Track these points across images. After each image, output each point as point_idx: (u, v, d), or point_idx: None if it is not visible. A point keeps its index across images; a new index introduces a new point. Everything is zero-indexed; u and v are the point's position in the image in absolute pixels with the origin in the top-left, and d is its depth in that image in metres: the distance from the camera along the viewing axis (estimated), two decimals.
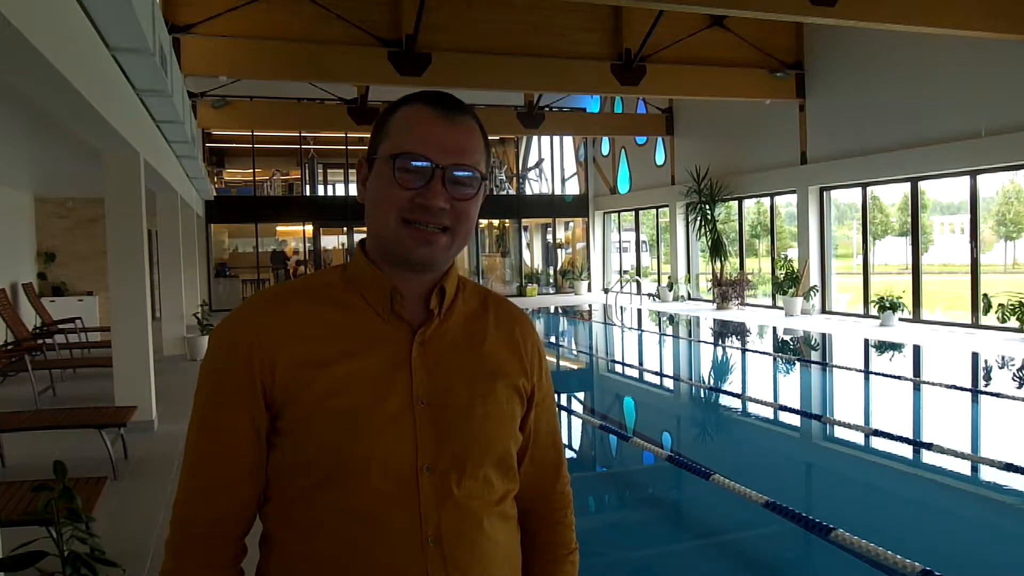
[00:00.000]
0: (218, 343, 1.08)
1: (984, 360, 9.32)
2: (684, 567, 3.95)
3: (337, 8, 11.16)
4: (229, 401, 1.05)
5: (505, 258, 24.81)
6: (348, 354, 1.05)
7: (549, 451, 1.23)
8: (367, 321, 1.08)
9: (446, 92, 1.09)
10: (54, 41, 3.47)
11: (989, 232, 13.30)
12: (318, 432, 1.02)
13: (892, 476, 5.28)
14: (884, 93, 12.79)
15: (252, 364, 1.04)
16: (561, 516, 1.25)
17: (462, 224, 1.08)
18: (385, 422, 1.03)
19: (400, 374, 1.06)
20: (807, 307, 14.46)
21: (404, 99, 1.10)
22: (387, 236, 1.07)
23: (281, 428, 1.05)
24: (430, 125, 1.05)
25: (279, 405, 1.04)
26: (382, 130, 1.09)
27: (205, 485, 1.06)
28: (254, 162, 22.21)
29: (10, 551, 2.44)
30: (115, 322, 6.64)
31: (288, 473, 1.05)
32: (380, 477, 1.02)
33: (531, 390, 1.17)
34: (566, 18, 12.96)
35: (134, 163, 6.54)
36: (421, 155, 1.04)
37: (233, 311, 1.11)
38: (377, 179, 1.07)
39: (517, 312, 1.23)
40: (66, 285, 14.02)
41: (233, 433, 1.05)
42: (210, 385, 1.07)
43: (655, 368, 10.67)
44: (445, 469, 1.05)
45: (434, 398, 1.06)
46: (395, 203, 1.05)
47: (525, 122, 17.80)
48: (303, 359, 1.04)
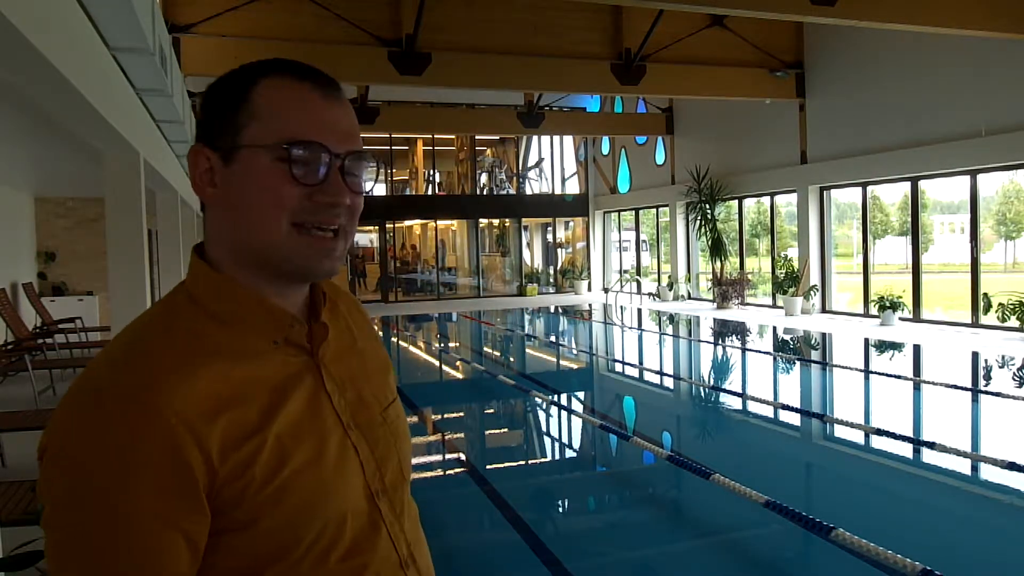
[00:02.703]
0: (106, 449, 0.74)
1: (984, 360, 9.32)
2: (684, 567, 3.95)
3: (337, 8, 11.16)
4: (153, 522, 0.75)
5: (505, 258, 24.81)
6: (274, 408, 0.85)
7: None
8: (268, 361, 0.87)
9: (309, 64, 0.91)
10: (54, 41, 3.47)
11: (989, 231, 13.30)
12: (286, 509, 0.83)
13: (892, 476, 5.28)
14: (884, 93, 12.79)
15: (182, 462, 0.76)
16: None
17: (354, 223, 0.91)
18: (336, 464, 0.89)
19: (324, 407, 0.90)
20: (807, 307, 14.46)
21: (258, 69, 0.88)
22: (275, 246, 0.86)
23: (235, 524, 0.81)
24: (315, 106, 0.87)
25: (227, 499, 0.80)
26: (240, 109, 0.86)
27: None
28: None
29: (10, 551, 2.44)
30: (115, 322, 6.64)
31: (259, 563, 0.83)
32: (353, 522, 0.89)
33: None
34: (566, 18, 12.96)
35: (134, 163, 6.54)
36: (317, 144, 0.85)
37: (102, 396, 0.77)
38: (251, 174, 0.85)
39: (355, 298, 1.09)
40: (66, 285, 14.02)
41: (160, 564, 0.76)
42: (113, 505, 0.74)
43: (655, 368, 10.67)
44: (392, 485, 0.96)
45: (357, 419, 0.94)
46: (284, 203, 0.85)
47: (525, 122, 17.80)
48: (236, 435, 0.80)
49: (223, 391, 0.81)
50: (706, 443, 6.50)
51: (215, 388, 0.81)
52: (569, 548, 4.00)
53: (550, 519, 4.74)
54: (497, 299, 22.07)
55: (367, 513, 0.92)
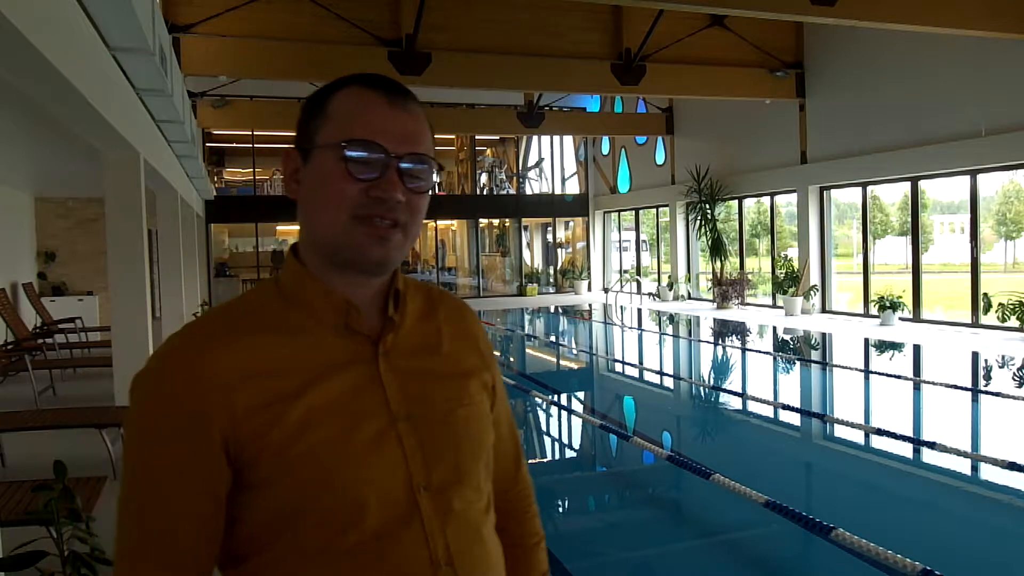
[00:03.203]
0: (152, 399, 0.90)
1: (984, 359, 9.32)
2: (684, 567, 3.95)
3: (337, 8, 11.16)
4: (177, 470, 0.88)
5: (505, 258, 24.81)
6: (311, 383, 0.92)
7: (509, 441, 1.18)
8: (321, 342, 0.96)
9: (386, 76, 1.00)
10: (54, 41, 3.47)
11: (989, 231, 13.31)
12: (300, 476, 0.90)
13: (892, 475, 5.28)
14: (884, 93, 12.79)
15: (205, 417, 0.88)
16: (527, 506, 1.21)
17: (415, 219, 0.98)
18: (368, 448, 0.93)
19: (372, 393, 0.96)
20: (807, 306, 14.46)
21: (339, 82, 0.99)
22: (336, 236, 0.95)
23: (254, 481, 0.90)
24: (379, 110, 0.95)
25: (246, 458, 0.89)
26: (318, 116, 0.97)
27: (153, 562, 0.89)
28: (254, 162, 22.22)
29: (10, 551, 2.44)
30: (115, 322, 6.63)
31: (269, 529, 0.91)
32: (377, 508, 0.92)
33: (492, 382, 1.12)
34: (566, 18, 12.96)
35: (134, 163, 6.54)
36: (374, 143, 0.93)
37: (159, 356, 0.92)
38: (320, 172, 0.95)
39: (462, 304, 1.15)
40: (66, 285, 14.02)
41: (186, 511, 0.89)
42: (150, 452, 0.90)
43: (655, 368, 10.67)
44: (442, 484, 0.97)
45: (414, 411, 0.97)
46: (345, 197, 0.94)
47: (525, 122, 17.80)
48: (263, 400, 0.90)
49: (260, 361, 0.92)
50: (706, 443, 6.50)
51: (252, 357, 0.92)
52: (569, 548, 4.00)
53: (550, 519, 4.74)
54: (497, 299, 22.07)
55: (401, 504, 0.94)
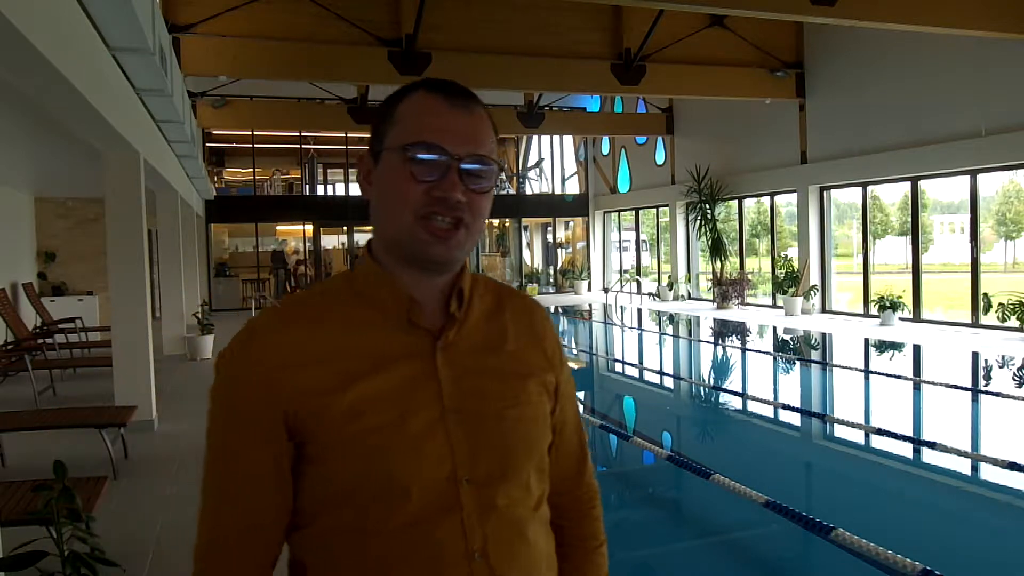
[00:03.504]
0: (228, 377, 1.00)
1: (984, 359, 9.32)
2: (684, 567, 3.95)
3: (337, 8, 11.16)
4: (247, 438, 0.98)
5: (505, 257, 24.81)
6: (369, 371, 0.98)
7: (574, 443, 1.19)
8: (384, 333, 1.02)
9: (453, 80, 1.04)
10: (54, 41, 3.47)
11: (989, 231, 13.30)
12: (349, 456, 0.96)
13: (892, 475, 5.29)
14: (884, 93, 12.79)
15: (269, 394, 0.97)
16: (589, 509, 1.22)
17: (477, 218, 1.02)
18: (417, 437, 0.98)
19: (427, 385, 1.00)
20: (807, 306, 14.46)
21: (410, 87, 1.03)
22: (400, 233, 1.00)
23: (311, 455, 0.98)
24: (443, 114, 1.00)
25: (305, 433, 0.97)
26: (388, 120, 1.02)
27: (226, 537, 1.00)
28: (254, 162, 22.22)
29: (10, 551, 2.44)
30: (115, 322, 6.63)
31: (323, 501, 0.99)
32: (419, 495, 0.97)
33: (556, 383, 1.13)
34: (566, 18, 12.96)
35: (134, 163, 6.54)
36: (436, 146, 0.98)
37: (240, 336, 1.02)
38: (387, 172, 1.01)
39: (532, 304, 1.17)
40: (66, 285, 14.02)
41: (254, 476, 0.99)
42: (224, 425, 1.00)
43: (655, 367, 10.67)
44: (486, 479, 1.00)
45: (465, 406, 1.01)
46: (409, 197, 0.98)
47: (525, 122, 17.80)
48: (323, 383, 0.97)
49: (324, 346, 0.99)
50: (706, 443, 6.50)
51: (317, 343, 0.99)
52: None
53: None
54: None
55: (443, 494, 0.98)
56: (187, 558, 1.05)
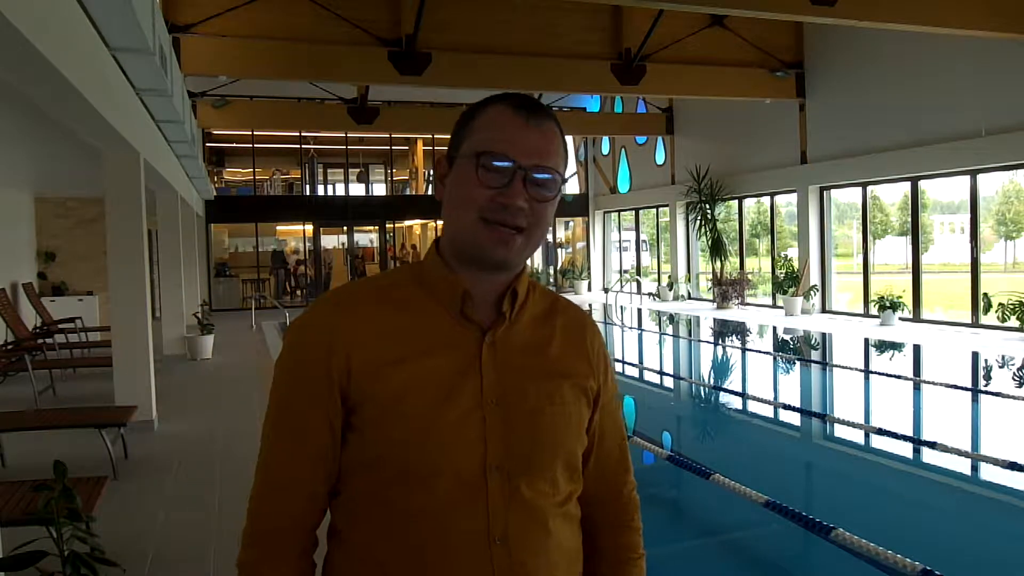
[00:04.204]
0: (294, 342, 1.10)
1: (984, 360, 9.32)
2: (684, 567, 3.95)
3: (337, 8, 11.16)
4: (305, 400, 1.07)
5: None
6: (420, 355, 1.06)
7: (615, 454, 1.24)
8: (438, 322, 1.09)
9: (530, 96, 1.11)
10: (54, 41, 3.47)
11: (989, 231, 13.30)
12: (389, 431, 1.04)
13: (892, 475, 5.29)
14: (884, 93, 12.79)
15: (328, 363, 1.05)
16: (628, 520, 1.25)
17: (538, 226, 1.08)
18: (455, 422, 1.04)
19: (470, 375, 1.07)
20: (807, 306, 14.46)
21: (489, 99, 1.11)
22: (464, 234, 1.07)
23: (355, 424, 1.06)
24: (514, 126, 1.06)
25: (353, 403, 1.06)
26: (465, 128, 1.10)
27: (280, 481, 1.08)
28: (254, 162, 22.21)
29: (10, 551, 2.44)
30: (115, 322, 6.64)
31: (359, 469, 1.07)
32: (450, 477, 1.03)
33: (597, 392, 1.18)
34: (566, 18, 12.96)
35: (134, 163, 6.54)
36: (504, 155, 1.04)
37: (307, 310, 1.13)
38: (458, 177, 1.08)
39: (584, 315, 1.23)
40: (66, 285, 14.01)
41: (309, 432, 1.07)
42: (286, 384, 1.09)
43: (655, 367, 10.67)
44: (513, 469, 1.06)
45: (503, 399, 1.07)
46: (475, 201, 1.05)
47: None
48: (377, 359, 1.05)
49: (381, 327, 1.07)
50: (706, 443, 6.50)
51: (375, 322, 1.08)
52: None
53: None
54: None
55: (472, 479, 1.04)
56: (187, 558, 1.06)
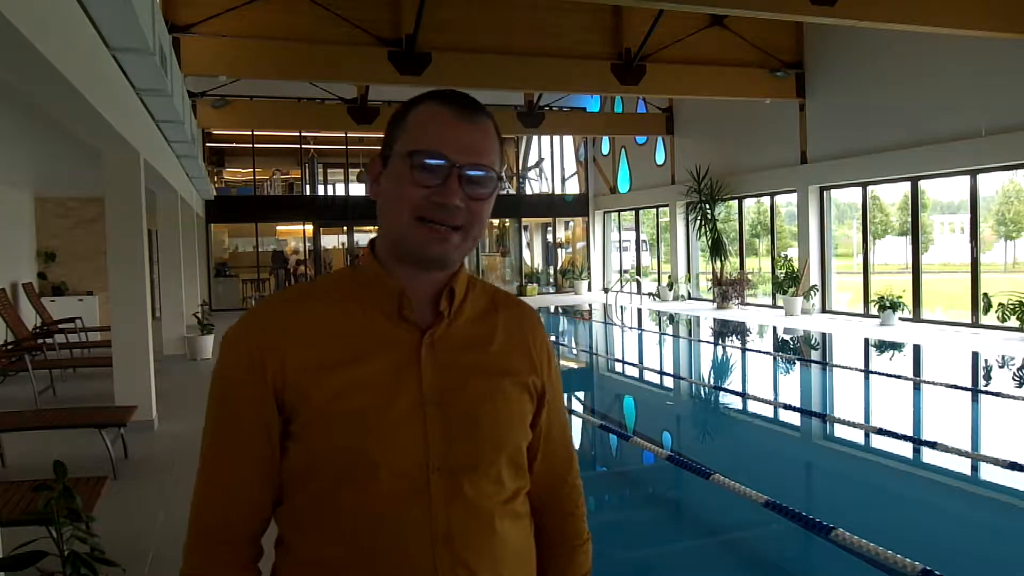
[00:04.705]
0: (229, 348, 1.08)
1: (984, 360, 9.32)
2: (684, 567, 3.95)
3: (337, 8, 11.15)
4: (241, 405, 1.06)
5: (505, 257, 24.81)
6: (356, 357, 1.05)
7: (560, 447, 1.24)
8: (375, 324, 1.08)
9: (464, 92, 1.09)
10: (54, 41, 3.47)
11: (989, 231, 13.30)
12: (328, 435, 1.03)
13: (892, 475, 5.28)
14: (884, 93, 12.79)
15: (263, 368, 1.04)
16: (573, 508, 1.26)
17: (475, 224, 1.07)
18: (394, 424, 1.04)
19: (409, 376, 1.06)
20: (807, 306, 14.46)
21: (421, 97, 1.09)
22: (400, 233, 1.06)
23: (293, 432, 1.05)
24: (447, 124, 1.05)
25: (290, 409, 1.04)
26: (398, 127, 1.08)
27: (219, 489, 1.07)
28: (254, 162, 22.22)
29: (10, 551, 2.44)
30: (115, 322, 6.64)
31: (300, 476, 1.06)
32: (390, 478, 1.02)
33: (541, 388, 1.18)
34: (566, 18, 12.96)
35: (134, 163, 6.54)
36: (438, 153, 1.03)
37: (243, 315, 1.11)
38: (392, 176, 1.07)
39: (526, 310, 1.22)
40: (66, 285, 14.01)
41: (246, 437, 1.06)
42: (222, 390, 1.08)
43: (655, 367, 10.67)
44: (456, 468, 1.05)
45: (443, 398, 1.06)
46: (410, 201, 1.04)
47: (525, 122, 17.80)
48: (312, 362, 1.04)
49: (317, 330, 1.06)
50: (706, 443, 6.50)
51: (311, 326, 1.06)
52: None
53: None
54: None
55: (413, 480, 1.03)
56: None
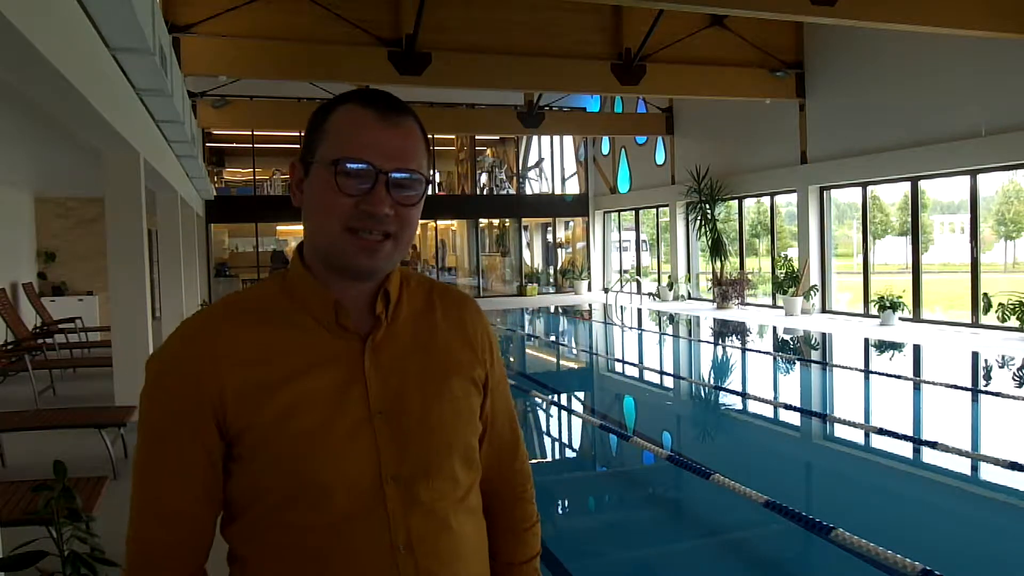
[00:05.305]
0: (159, 376, 1.02)
1: (984, 360, 9.32)
2: (684, 567, 3.95)
3: (337, 8, 11.16)
4: (178, 432, 1.00)
5: (505, 258, 24.80)
6: (299, 373, 1.01)
7: (506, 432, 1.22)
8: (313, 337, 1.04)
9: (384, 91, 1.05)
10: (54, 41, 3.47)
11: (989, 231, 13.30)
12: (277, 456, 0.99)
13: (892, 475, 5.28)
14: (884, 93, 12.79)
15: (200, 392, 0.99)
16: (521, 492, 1.25)
17: (405, 230, 1.04)
18: (343, 439, 1.00)
19: (354, 387, 1.02)
20: (807, 306, 14.45)
21: (339, 99, 1.05)
22: (329, 245, 1.02)
23: (239, 454, 1.01)
24: (370, 128, 1.01)
25: (234, 433, 1.00)
26: (318, 131, 1.03)
27: (157, 515, 1.03)
28: (254, 162, 22.22)
29: (10, 551, 2.44)
30: (115, 322, 6.64)
31: (251, 495, 1.02)
32: (344, 494, 1.00)
33: (485, 377, 1.16)
34: (566, 18, 12.96)
35: (134, 163, 6.54)
36: (361, 159, 0.99)
37: (170, 337, 1.05)
38: (316, 184, 1.02)
39: (463, 299, 1.19)
40: (66, 285, 14.02)
41: (184, 464, 1.01)
42: (156, 416, 1.02)
43: (655, 368, 10.66)
44: (411, 476, 1.03)
45: (391, 406, 1.03)
46: (337, 210, 1.00)
47: (525, 122, 17.79)
48: (252, 383, 0.99)
49: (253, 349, 1.01)
50: (706, 443, 6.50)
51: (246, 345, 1.01)
52: (569, 548, 4.00)
53: (550, 519, 4.74)
54: (497, 299, 22.06)
55: (368, 492, 1.00)
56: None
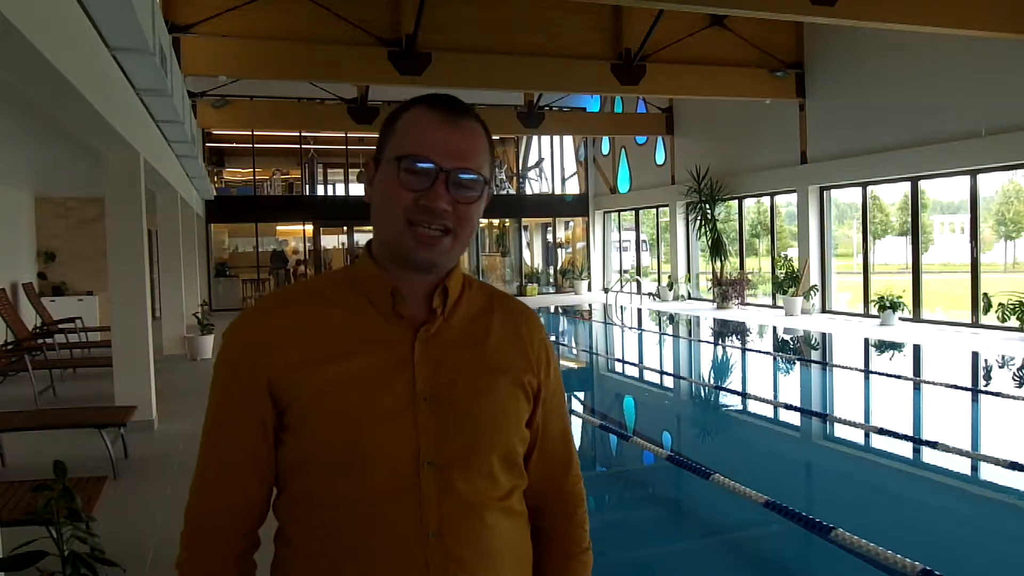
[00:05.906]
0: (227, 344, 1.12)
1: (984, 360, 9.32)
2: (684, 567, 3.95)
3: (337, 8, 11.16)
4: (237, 400, 1.09)
5: (505, 258, 24.80)
6: (348, 352, 1.07)
7: (558, 449, 1.24)
8: (369, 321, 1.10)
9: (452, 96, 1.11)
10: (54, 41, 3.47)
11: (989, 231, 13.30)
12: (320, 429, 1.05)
13: (892, 475, 5.28)
14: (884, 93, 12.79)
15: (258, 365, 1.07)
16: (571, 514, 1.25)
17: (464, 226, 1.10)
18: (384, 418, 1.05)
19: (402, 372, 1.07)
20: (807, 306, 14.46)
21: (411, 101, 1.12)
22: (391, 237, 1.09)
23: (287, 424, 1.08)
24: (435, 128, 1.07)
25: (284, 403, 1.07)
26: (389, 132, 1.11)
27: (215, 480, 1.11)
28: (254, 162, 22.21)
29: (10, 551, 2.44)
30: (115, 322, 6.64)
31: (294, 468, 1.09)
32: (381, 472, 1.04)
33: (537, 387, 1.18)
34: (566, 18, 12.96)
35: (134, 163, 6.54)
36: (425, 157, 1.06)
37: (241, 313, 1.15)
38: (383, 180, 1.09)
39: (523, 309, 1.23)
40: (66, 285, 14.01)
41: (242, 431, 1.09)
42: (220, 385, 1.12)
43: (655, 367, 10.67)
44: (447, 464, 1.06)
45: (437, 394, 1.08)
46: (399, 204, 1.06)
47: (525, 122, 17.80)
48: (305, 359, 1.07)
49: (310, 327, 1.09)
50: (706, 443, 6.50)
51: (304, 323, 1.09)
52: None
53: None
54: None
55: (404, 474, 1.05)
56: None
